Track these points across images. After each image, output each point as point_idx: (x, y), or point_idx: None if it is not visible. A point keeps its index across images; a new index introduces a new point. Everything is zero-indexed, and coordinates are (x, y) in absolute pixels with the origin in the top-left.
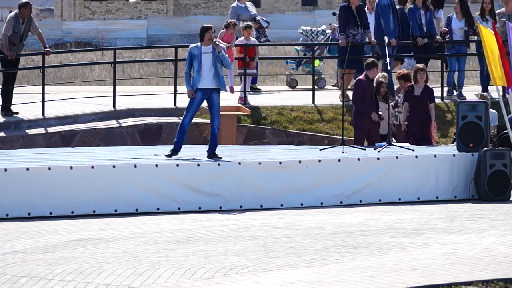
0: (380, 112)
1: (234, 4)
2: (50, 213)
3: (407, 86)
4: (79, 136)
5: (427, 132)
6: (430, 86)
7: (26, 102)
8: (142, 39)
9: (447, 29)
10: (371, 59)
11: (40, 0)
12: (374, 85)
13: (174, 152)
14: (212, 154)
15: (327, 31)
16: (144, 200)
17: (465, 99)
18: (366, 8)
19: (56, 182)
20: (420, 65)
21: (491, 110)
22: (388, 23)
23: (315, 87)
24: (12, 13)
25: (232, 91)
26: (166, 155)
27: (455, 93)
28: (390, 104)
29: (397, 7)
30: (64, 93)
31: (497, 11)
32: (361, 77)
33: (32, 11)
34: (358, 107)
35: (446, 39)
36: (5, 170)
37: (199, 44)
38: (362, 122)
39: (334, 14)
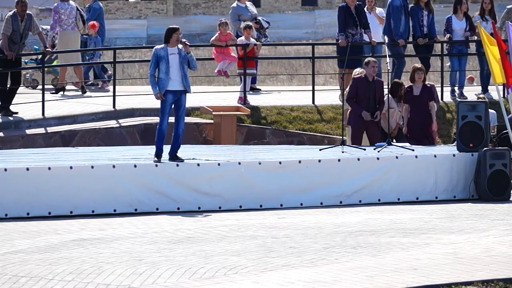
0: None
1: (234, 4)
2: (49, 213)
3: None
4: (79, 136)
5: (427, 132)
6: (429, 85)
7: (26, 102)
8: (142, 39)
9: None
10: (369, 58)
11: (40, 0)
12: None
13: (159, 157)
14: (173, 156)
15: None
16: (144, 200)
17: (466, 99)
18: (365, 8)
19: (56, 182)
20: (418, 65)
21: (490, 110)
22: (397, 25)
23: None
24: (10, 12)
25: (220, 73)
26: (154, 161)
27: (457, 92)
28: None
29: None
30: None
31: (508, 7)
32: (358, 76)
33: (26, 9)
34: (350, 106)
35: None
36: (5, 170)
37: (164, 45)
38: (354, 120)
39: None
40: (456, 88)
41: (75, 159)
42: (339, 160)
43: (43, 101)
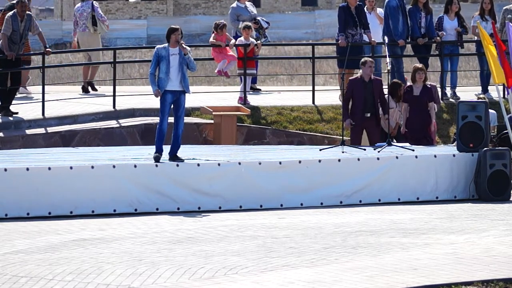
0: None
1: (234, 5)
2: (49, 213)
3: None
4: (79, 136)
5: (427, 132)
6: (429, 86)
7: (26, 102)
8: (142, 39)
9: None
10: (365, 58)
11: (40, 0)
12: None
13: (159, 157)
14: (173, 157)
15: None
16: (144, 200)
17: (459, 99)
18: (365, 8)
19: (56, 182)
20: (419, 65)
21: (490, 110)
22: (396, 25)
23: None
24: (10, 12)
25: (220, 73)
26: (154, 157)
27: (449, 93)
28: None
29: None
30: (64, 93)
31: (504, 7)
32: (353, 77)
33: (26, 9)
34: (342, 108)
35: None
36: (5, 170)
37: (166, 45)
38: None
39: None
40: (448, 89)
41: (75, 159)
42: (339, 160)
43: (43, 101)
